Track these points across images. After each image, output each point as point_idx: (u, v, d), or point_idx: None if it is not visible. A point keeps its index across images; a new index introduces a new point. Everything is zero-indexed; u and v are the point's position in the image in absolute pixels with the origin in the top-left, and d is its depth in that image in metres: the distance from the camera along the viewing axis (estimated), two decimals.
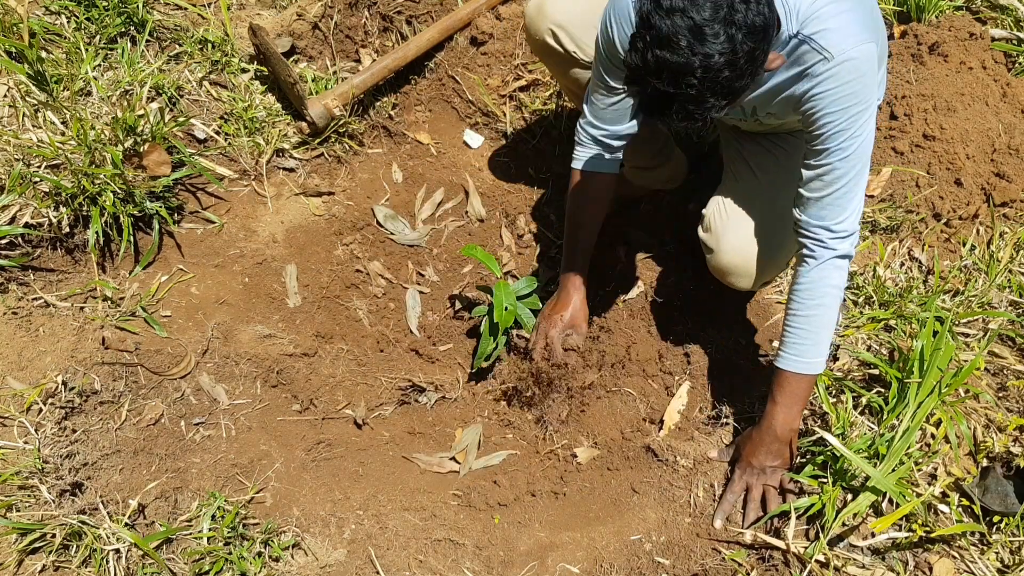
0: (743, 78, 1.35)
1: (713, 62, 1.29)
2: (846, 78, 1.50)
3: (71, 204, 2.09)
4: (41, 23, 2.35)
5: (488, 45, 2.63)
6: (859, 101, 1.52)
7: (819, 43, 1.49)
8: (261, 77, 2.58)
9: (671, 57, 1.29)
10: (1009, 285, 2.17)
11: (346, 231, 2.45)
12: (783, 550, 1.70)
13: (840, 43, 1.48)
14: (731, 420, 2.01)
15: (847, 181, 1.58)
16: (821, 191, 1.60)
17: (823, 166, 1.58)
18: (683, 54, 1.29)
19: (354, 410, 2.14)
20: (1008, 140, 2.41)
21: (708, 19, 1.28)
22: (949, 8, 2.67)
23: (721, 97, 1.35)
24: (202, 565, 1.75)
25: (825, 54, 1.49)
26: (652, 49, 1.30)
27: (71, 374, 1.94)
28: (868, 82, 1.53)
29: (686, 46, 1.28)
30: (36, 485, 1.75)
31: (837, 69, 1.49)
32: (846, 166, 1.56)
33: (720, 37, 1.28)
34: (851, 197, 1.60)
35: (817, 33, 1.49)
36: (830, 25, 1.49)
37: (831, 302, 1.66)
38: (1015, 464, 1.74)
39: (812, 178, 1.61)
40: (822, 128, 1.55)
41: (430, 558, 1.88)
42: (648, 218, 2.47)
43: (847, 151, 1.55)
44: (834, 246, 1.63)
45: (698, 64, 1.29)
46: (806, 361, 1.68)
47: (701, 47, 1.28)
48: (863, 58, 1.50)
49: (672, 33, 1.28)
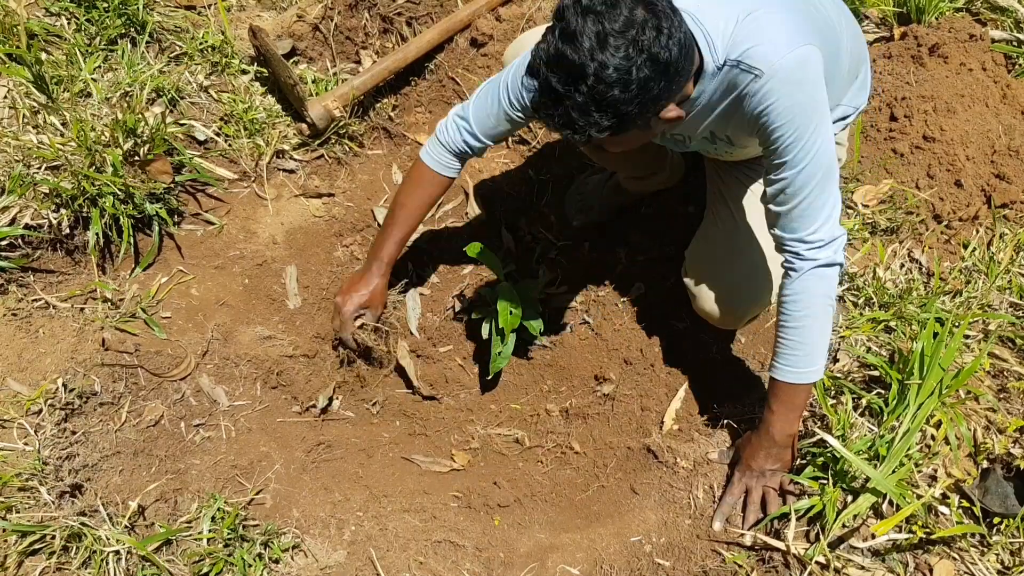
0: (631, 104, 1.34)
1: (606, 74, 1.30)
2: (784, 90, 1.47)
3: (71, 206, 2.09)
4: (41, 24, 2.35)
5: (488, 47, 2.63)
6: (803, 110, 1.49)
7: (747, 63, 1.47)
8: (261, 79, 2.58)
9: (571, 54, 1.30)
10: (1009, 287, 2.18)
11: (346, 232, 2.45)
12: (783, 552, 1.69)
13: (767, 56, 1.45)
14: (731, 422, 2.01)
15: (810, 190, 1.54)
16: (787, 204, 1.57)
17: (782, 179, 1.55)
18: (582, 55, 1.30)
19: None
20: (1008, 142, 2.41)
21: (616, 31, 1.29)
22: (949, 10, 2.67)
23: (605, 115, 1.34)
24: (202, 567, 1.75)
25: (755, 71, 1.46)
26: (557, 41, 1.32)
27: (71, 375, 1.94)
28: (810, 88, 1.49)
29: (588, 48, 1.29)
30: (36, 487, 1.75)
31: (771, 83, 1.46)
32: (805, 176, 1.53)
33: (620, 51, 1.29)
34: (819, 206, 1.56)
35: (744, 53, 1.47)
36: (755, 41, 1.46)
37: (818, 312, 1.62)
38: (1015, 466, 1.74)
39: (775, 193, 1.58)
40: (775, 143, 1.53)
41: (430, 560, 1.88)
42: (647, 220, 2.47)
43: (804, 161, 1.52)
44: (813, 256, 1.59)
45: (592, 71, 1.30)
46: (799, 371, 1.66)
47: (600, 54, 1.29)
48: (797, 64, 1.46)
49: (579, 31, 1.30)
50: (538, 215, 2.54)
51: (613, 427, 2.13)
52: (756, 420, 1.85)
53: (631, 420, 2.13)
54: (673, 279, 2.34)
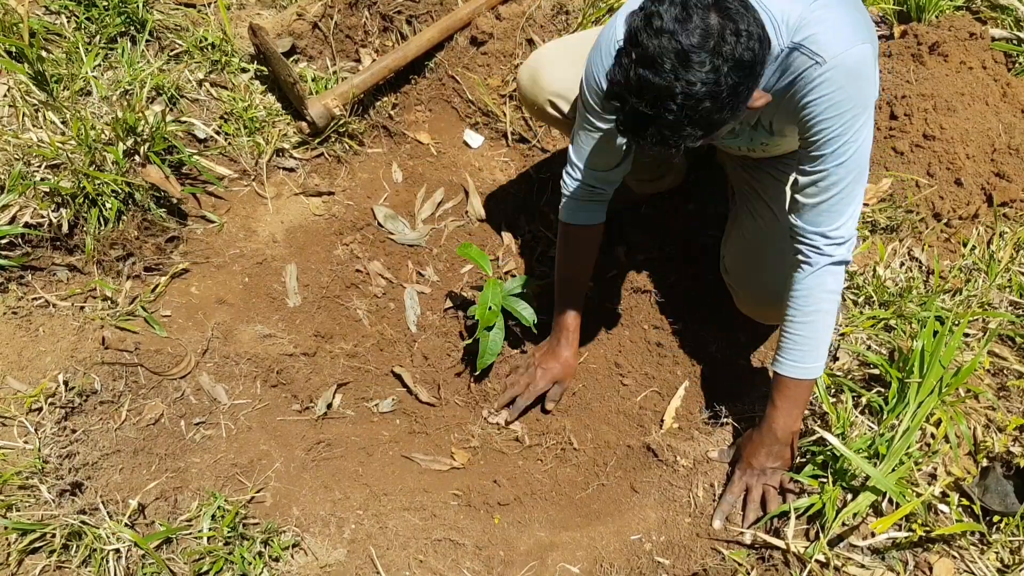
0: (723, 111, 1.32)
1: (695, 90, 1.27)
2: (841, 82, 1.46)
3: (71, 204, 2.09)
4: (41, 23, 2.35)
5: (488, 45, 2.63)
6: (855, 105, 1.48)
7: (810, 48, 1.45)
8: (261, 77, 2.58)
9: (653, 78, 1.27)
10: (1009, 285, 2.17)
11: (346, 231, 2.45)
12: (783, 550, 1.70)
13: (832, 47, 1.45)
14: (731, 420, 2.01)
15: (843, 187, 1.55)
16: (816, 197, 1.57)
17: (819, 172, 1.55)
18: (666, 77, 1.26)
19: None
20: (1008, 140, 2.41)
21: (696, 46, 1.25)
22: (949, 8, 2.67)
23: (698, 127, 1.32)
24: (202, 565, 1.75)
25: (817, 58, 1.45)
26: (636, 67, 1.28)
27: (71, 374, 1.94)
28: (864, 85, 1.49)
29: (670, 69, 1.26)
30: (36, 485, 1.75)
31: (831, 73, 1.45)
32: (842, 172, 1.53)
33: (706, 66, 1.26)
34: (848, 203, 1.57)
35: (808, 38, 1.46)
36: (820, 29, 1.45)
37: (828, 307, 1.64)
38: (1015, 464, 1.74)
39: (807, 184, 1.58)
40: (818, 134, 1.52)
41: (430, 558, 1.88)
42: (648, 219, 2.47)
43: (843, 156, 1.52)
44: (830, 252, 1.60)
45: (679, 90, 1.26)
46: (805, 366, 1.67)
47: (685, 73, 1.26)
48: (858, 60, 1.46)
49: (658, 54, 1.26)
50: (538, 213, 2.54)
51: (613, 425, 2.13)
52: (757, 418, 1.85)
53: (631, 418, 2.13)
54: (673, 278, 2.34)
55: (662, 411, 2.11)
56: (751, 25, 1.31)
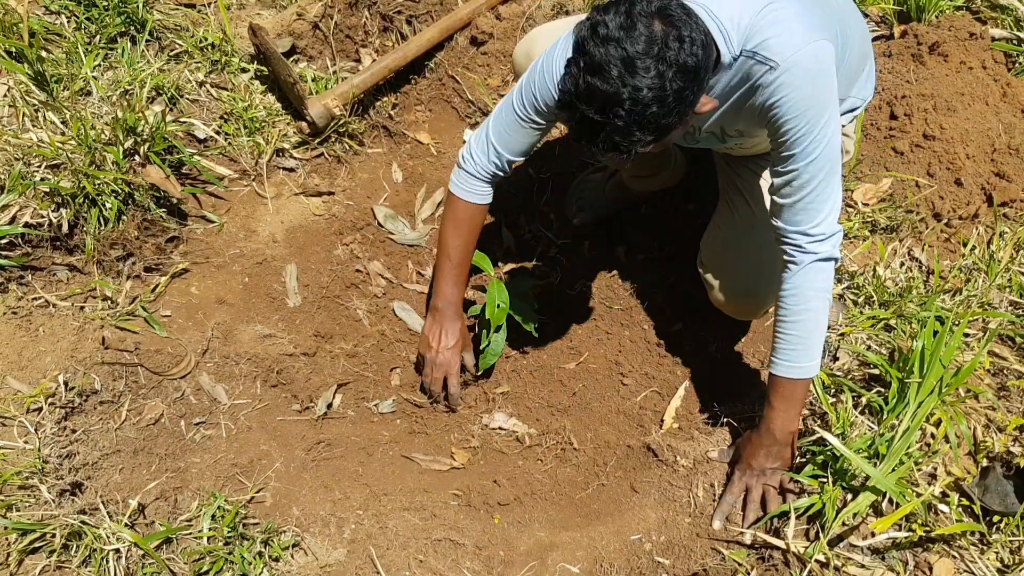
0: (670, 116, 1.36)
1: (642, 96, 1.31)
2: (797, 83, 1.48)
3: (71, 204, 2.09)
4: (41, 23, 2.35)
5: (488, 45, 2.63)
6: (816, 103, 1.50)
7: (763, 55, 1.48)
8: (261, 77, 2.58)
9: (601, 85, 1.31)
10: (1009, 285, 2.17)
11: (346, 231, 2.45)
12: (783, 550, 1.69)
13: (783, 49, 1.47)
14: (731, 420, 2.01)
15: (817, 184, 1.56)
16: (792, 196, 1.59)
17: (790, 171, 1.56)
18: (613, 84, 1.31)
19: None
20: (1008, 140, 2.41)
21: (641, 52, 1.30)
22: (949, 8, 2.67)
23: (647, 132, 1.36)
24: (202, 565, 1.75)
25: (770, 63, 1.48)
26: (584, 75, 1.33)
27: (71, 374, 1.94)
28: (823, 82, 1.50)
29: (617, 76, 1.30)
30: (36, 485, 1.75)
31: (786, 76, 1.48)
32: (813, 169, 1.54)
33: (651, 72, 1.30)
34: (824, 199, 1.58)
35: (760, 44, 1.48)
36: (772, 32, 1.47)
37: (818, 306, 1.64)
38: (1015, 464, 1.74)
39: (781, 185, 1.60)
40: (784, 135, 1.54)
41: (430, 558, 1.88)
42: (647, 218, 2.47)
43: (812, 155, 1.53)
44: (814, 249, 1.61)
45: (627, 96, 1.31)
46: (799, 366, 1.67)
47: (632, 79, 1.30)
48: (812, 58, 1.48)
49: (604, 62, 1.31)
50: (538, 213, 2.54)
51: (613, 425, 2.13)
52: (756, 418, 1.85)
53: (631, 418, 2.13)
54: (673, 278, 2.34)
55: (662, 411, 2.11)
56: (694, 31, 1.36)
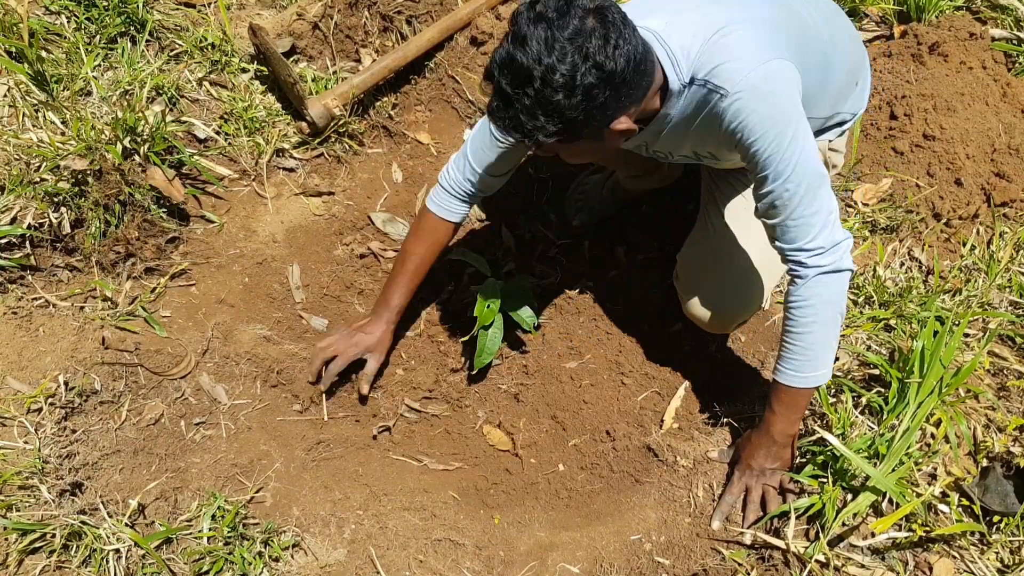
0: (576, 110, 1.36)
1: (552, 78, 1.32)
2: (752, 106, 1.47)
3: (71, 204, 2.09)
4: (41, 23, 2.35)
5: (488, 45, 2.63)
6: (776, 122, 1.49)
7: (713, 82, 1.48)
8: (261, 77, 2.58)
9: (520, 57, 1.33)
10: (1009, 285, 2.18)
11: (346, 231, 2.45)
12: (783, 550, 1.69)
13: (732, 75, 1.47)
14: (731, 420, 2.01)
15: (799, 200, 1.54)
16: (778, 217, 1.57)
17: (769, 192, 1.55)
18: (530, 59, 1.32)
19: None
20: (1008, 140, 2.41)
21: (565, 38, 1.32)
22: (949, 8, 2.67)
23: (551, 120, 1.37)
24: (202, 565, 1.75)
25: (721, 91, 1.48)
26: (509, 45, 1.35)
27: (71, 374, 1.94)
28: (779, 101, 1.49)
29: (535, 52, 1.32)
30: (36, 485, 1.75)
31: (739, 102, 1.47)
32: (792, 186, 1.52)
33: (567, 58, 1.32)
34: (812, 213, 1.55)
35: (710, 72, 1.48)
36: (720, 59, 1.47)
37: (825, 318, 1.61)
38: (1015, 464, 1.74)
39: (766, 207, 1.59)
40: (753, 157, 1.53)
41: (430, 558, 1.88)
42: (647, 218, 2.47)
43: (785, 172, 1.51)
44: (816, 263, 1.58)
45: (538, 74, 1.32)
46: (803, 375, 1.65)
47: (548, 58, 1.32)
48: (763, 79, 1.47)
49: (529, 36, 1.33)
50: (538, 213, 2.54)
51: (613, 425, 2.13)
52: (756, 419, 1.85)
53: (631, 418, 2.13)
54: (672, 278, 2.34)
55: (662, 411, 2.11)
56: (622, 40, 1.36)
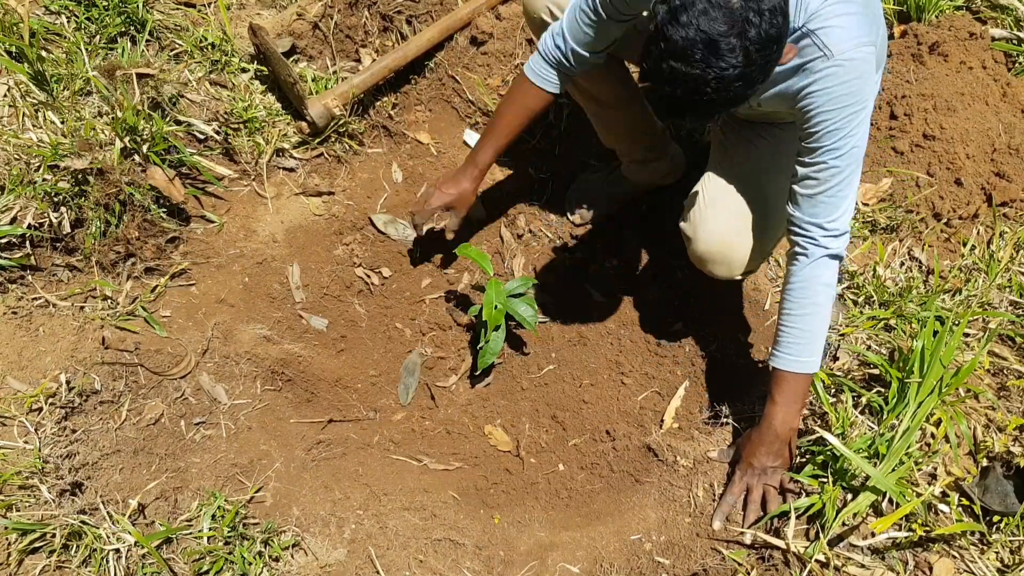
0: (755, 85, 1.38)
1: (727, 75, 1.31)
2: (844, 77, 1.51)
3: (71, 204, 2.09)
4: (41, 23, 2.35)
5: (488, 45, 2.63)
6: (856, 101, 1.53)
7: (821, 39, 1.50)
8: (261, 77, 2.58)
9: (685, 69, 1.31)
10: (1009, 285, 2.17)
11: (346, 231, 2.45)
12: (783, 550, 1.69)
13: (841, 42, 1.49)
14: (731, 420, 2.01)
15: (841, 179, 1.59)
16: (814, 188, 1.61)
17: (817, 164, 1.59)
18: (697, 66, 1.30)
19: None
20: (1008, 140, 2.41)
21: (723, 33, 1.28)
22: (949, 8, 2.67)
23: (732, 104, 1.39)
24: (202, 565, 1.75)
25: (826, 51, 1.50)
26: (667, 59, 1.32)
27: (71, 374, 1.94)
28: (865, 83, 1.53)
29: (700, 59, 1.29)
30: (36, 485, 1.75)
31: (836, 68, 1.50)
32: (840, 164, 1.57)
33: (735, 52, 1.29)
34: (844, 195, 1.61)
35: (821, 29, 1.50)
36: (834, 23, 1.50)
37: (824, 300, 1.67)
38: (1015, 464, 1.74)
39: (806, 175, 1.62)
40: (817, 126, 1.56)
41: (430, 558, 1.88)
42: (648, 218, 2.47)
43: (841, 150, 1.56)
44: (827, 244, 1.63)
45: (712, 76, 1.31)
46: (803, 360, 1.69)
47: (716, 61, 1.29)
48: (861, 59, 1.51)
49: (687, 46, 1.29)
50: (538, 213, 2.54)
51: (613, 425, 2.13)
52: (757, 417, 1.85)
53: (631, 418, 2.13)
54: (674, 277, 2.34)
55: (662, 411, 2.11)
56: (772, 1, 1.32)
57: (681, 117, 1.42)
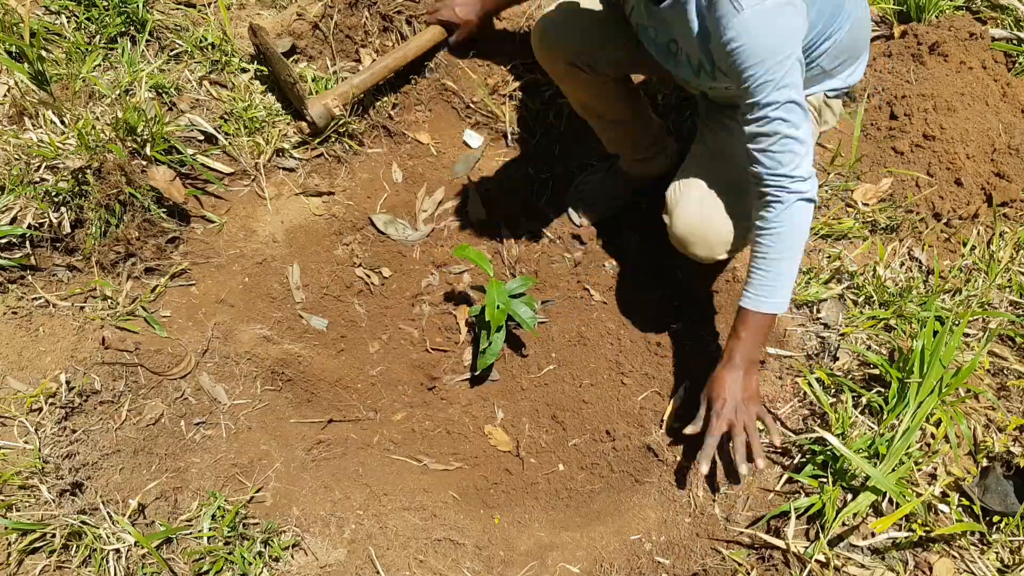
0: None
1: None
2: (759, 29, 1.52)
3: (71, 204, 2.09)
4: (41, 23, 2.35)
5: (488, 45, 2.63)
6: (774, 53, 1.54)
7: None
8: (261, 77, 2.58)
9: None
10: (1009, 285, 2.17)
11: (346, 231, 2.45)
12: (783, 550, 1.70)
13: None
14: None
15: (788, 128, 1.59)
16: (765, 142, 1.62)
17: (759, 119, 1.60)
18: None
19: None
20: (1008, 140, 2.41)
21: None
22: (949, 8, 2.67)
23: None
24: (202, 565, 1.75)
25: (736, 5, 1.51)
26: None
27: (71, 374, 1.94)
28: (784, 34, 1.54)
29: None
30: (36, 485, 1.75)
31: (747, 21, 1.51)
32: (781, 113, 1.58)
33: None
34: (799, 141, 1.61)
35: None
36: None
37: (797, 244, 1.67)
38: (1015, 464, 1.74)
39: (754, 133, 1.63)
40: (746, 81, 1.57)
41: (430, 558, 1.88)
42: (647, 218, 2.47)
43: (779, 100, 1.57)
44: (797, 188, 1.64)
45: None
46: (772, 301, 1.69)
47: None
48: (776, 8, 1.51)
49: None
50: (538, 214, 2.54)
51: (613, 425, 2.13)
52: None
53: (631, 418, 2.13)
54: (673, 277, 2.34)
55: (662, 411, 2.11)
56: None
57: None
